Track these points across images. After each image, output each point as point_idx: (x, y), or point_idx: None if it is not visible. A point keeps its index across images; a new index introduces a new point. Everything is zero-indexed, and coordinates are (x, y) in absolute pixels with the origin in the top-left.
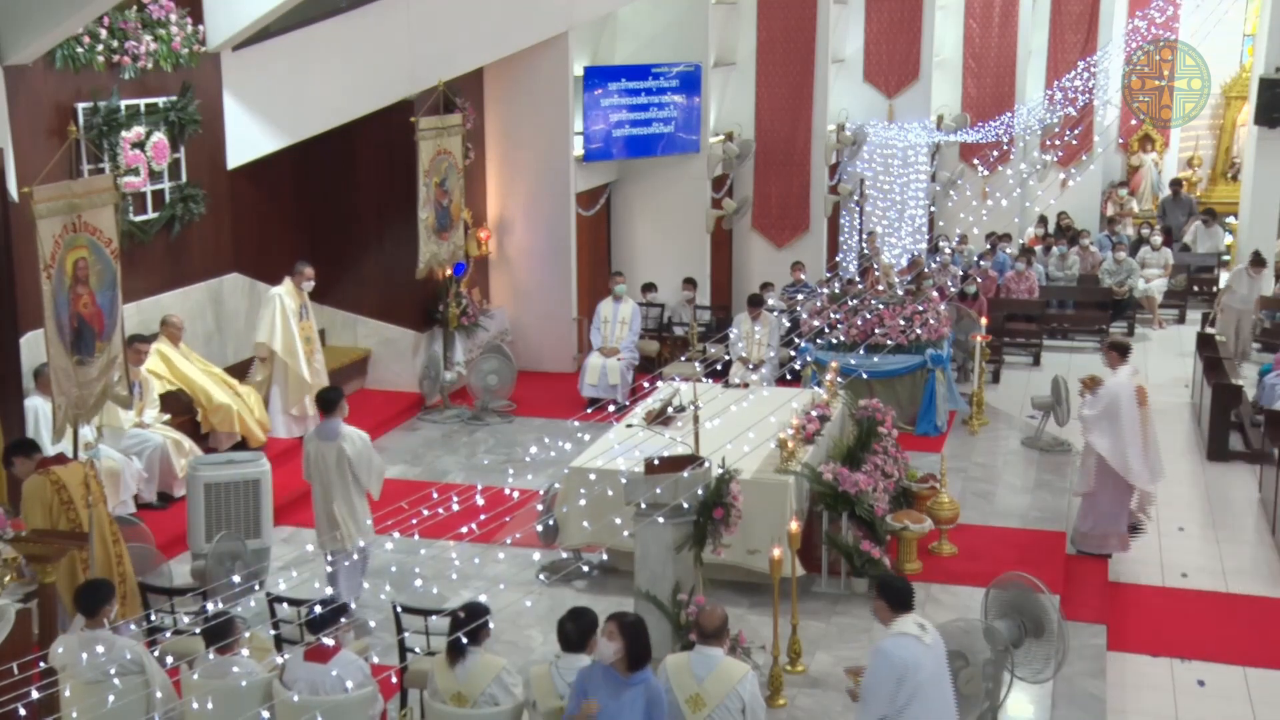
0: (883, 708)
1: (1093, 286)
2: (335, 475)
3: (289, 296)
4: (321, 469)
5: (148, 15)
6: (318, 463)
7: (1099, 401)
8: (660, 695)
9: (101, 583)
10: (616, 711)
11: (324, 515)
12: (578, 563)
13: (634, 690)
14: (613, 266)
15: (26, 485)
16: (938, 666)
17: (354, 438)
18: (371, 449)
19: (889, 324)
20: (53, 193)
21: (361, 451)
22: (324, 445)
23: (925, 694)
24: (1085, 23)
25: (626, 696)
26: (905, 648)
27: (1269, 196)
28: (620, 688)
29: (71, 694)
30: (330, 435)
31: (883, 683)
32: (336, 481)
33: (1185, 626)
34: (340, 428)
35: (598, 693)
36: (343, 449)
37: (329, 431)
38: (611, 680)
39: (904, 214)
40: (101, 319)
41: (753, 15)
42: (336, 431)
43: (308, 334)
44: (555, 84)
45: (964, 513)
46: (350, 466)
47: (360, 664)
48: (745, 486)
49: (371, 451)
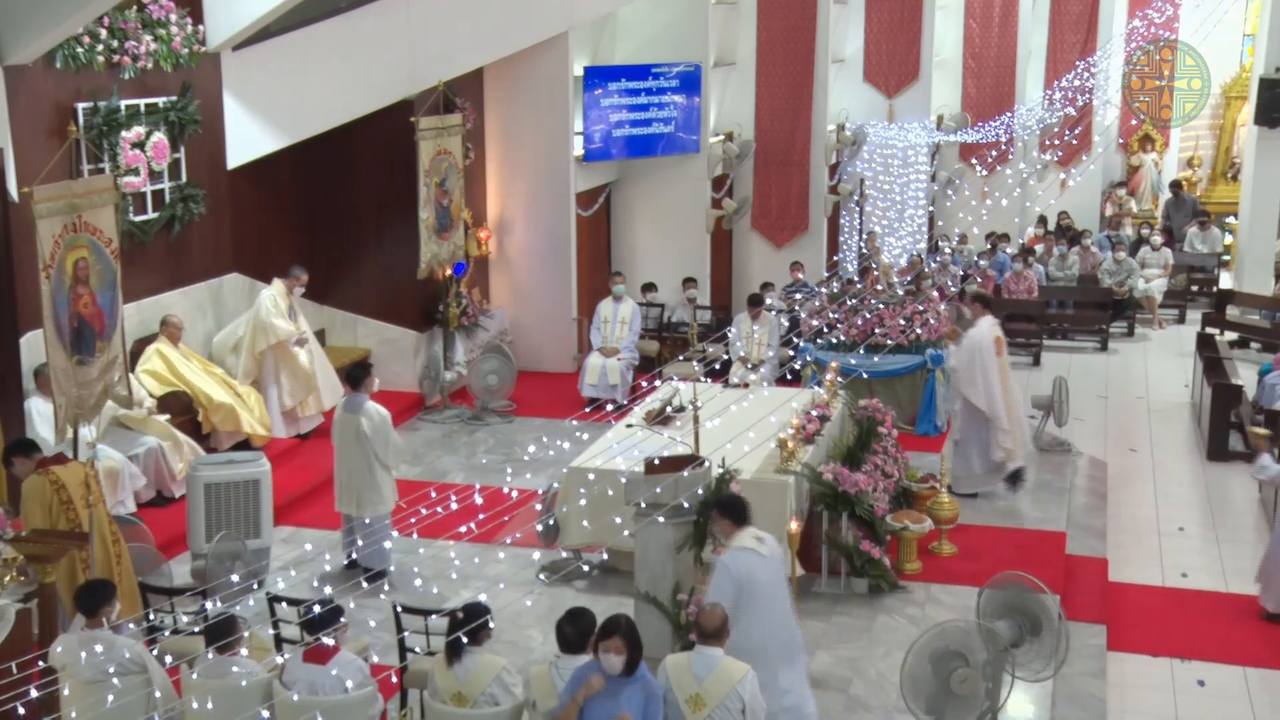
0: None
1: (1093, 286)
2: (355, 447)
3: (280, 297)
4: (344, 439)
5: (148, 15)
6: (341, 433)
7: (963, 352)
8: (657, 691)
9: (101, 583)
10: (614, 709)
11: (343, 482)
12: (578, 563)
13: (632, 688)
14: (613, 266)
15: (26, 485)
16: (775, 575)
17: (373, 414)
18: (389, 426)
19: (889, 324)
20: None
21: (378, 427)
22: (347, 417)
23: (761, 600)
24: (1085, 23)
25: (625, 695)
26: (744, 560)
27: (1269, 196)
28: (619, 687)
29: (71, 694)
30: (354, 409)
31: (724, 592)
32: (356, 453)
33: (1185, 626)
34: (363, 403)
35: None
36: (360, 424)
37: (353, 405)
38: (610, 680)
39: (904, 214)
40: (102, 319)
41: (753, 15)
42: (359, 406)
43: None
44: (555, 84)
45: (964, 513)
46: (368, 441)
47: (360, 664)
48: (745, 486)
49: (389, 429)
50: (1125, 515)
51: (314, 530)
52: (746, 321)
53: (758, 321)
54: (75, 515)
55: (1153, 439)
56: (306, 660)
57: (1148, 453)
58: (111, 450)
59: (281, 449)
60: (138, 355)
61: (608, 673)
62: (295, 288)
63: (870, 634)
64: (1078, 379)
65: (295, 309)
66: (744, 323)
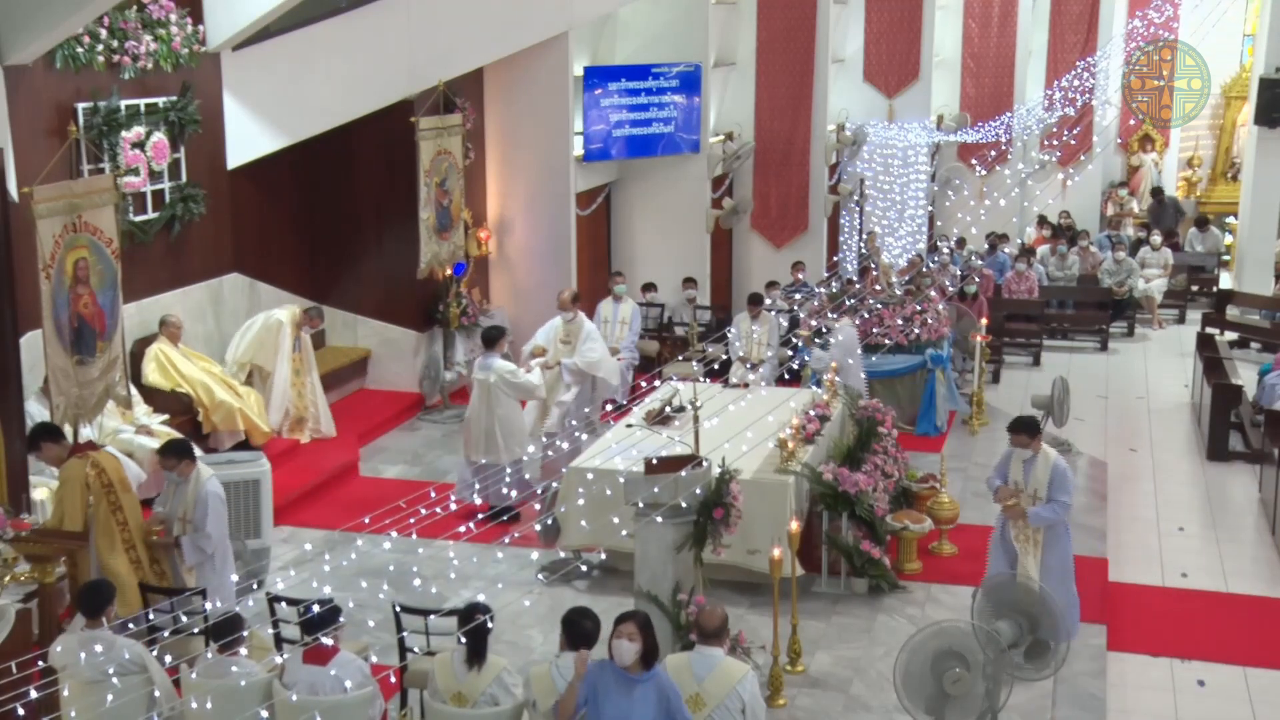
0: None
1: (1093, 286)
2: (486, 399)
3: (289, 325)
4: (477, 393)
5: (148, 15)
6: (478, 389)
7: (839, 347)
8: (673, 688)
9: (102, 583)
10: (629, 709)
11: (476, 431)
12: (577, 562)
13: (645, 687)
14: (613, 266)
15: (66, 468)
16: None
17: (497, 369)
18: (506, 379)
19: (888, 324)
20: (53, 193)
21: (496, 383)
22: (480, 374)
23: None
24: (1085, 23)
25: (638, 693)
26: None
27: (1269, 196)
28: (631, 685)
29: (71, 694)
30: (484, 368)
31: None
32: (487, 405)
33: (1185, 626)
34: (492, 362)
35: (608, 692)
36: (487, 380)
37: (484, 365)
38: (622, 679)
39: (904, 214)
40: (103, 319)
41: (753, 15)
42: (488, 365)
43: (296, 367)
44: (555, 84)
45: (964, 513)
46: (498, 393)
47: (359, 664)
48: (745, 486)
49: (506, 381)
50: (1125, 515)
51: (314, 530)
52: (746, 321)
53: (757, 321)
54: (116, 499)
55: (1153, 439)
56: (306, 660)
57: (1148, 453)
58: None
59: (281, 449)
60: (138, 355)
61: (619, 663)
62: (306, 328)
63: (870, 634)
64: (1078, 379)
65: (300, 341)
66: (743, 322)
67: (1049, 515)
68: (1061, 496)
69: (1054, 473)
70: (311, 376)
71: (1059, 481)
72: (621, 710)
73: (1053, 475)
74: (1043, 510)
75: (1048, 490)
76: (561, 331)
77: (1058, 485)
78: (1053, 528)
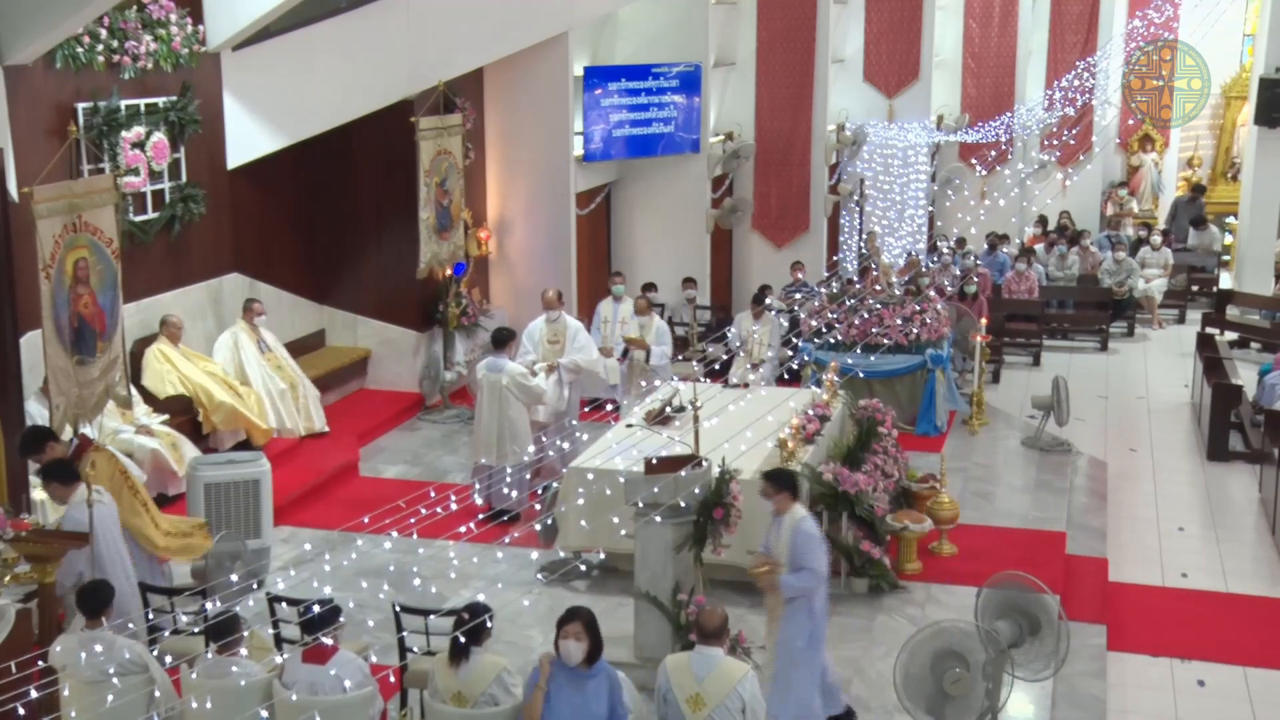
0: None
1: (1092, 286)
2: (497, 401)
3: (244, 334)
4: (488, 396)
5: (148, 15)
6: (486, 390)
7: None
8: (619, 680)
9: (102, 583)
10: (583, 703)
11: (488, 431)
12: (577, 563)
13: (595, 681)
14: (612, 266)
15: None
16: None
17: (510, 371)
18: (518, 382)
19: (888, 324)
20: (53, 193)
21: (508, 385)
22: (490, 375)
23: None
24: (1085, 23)
25: (590, 688)
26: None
27: (1269, 196)
28: (582, 680)
29: (71, 693)
30: (495, 369)
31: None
32: (498, 407)
33: (1185, 626)
34: (504, 364)
35: (560, 688)
36: (499, 381)
37: (496, 366)
38: (573, 676)
39: (904, 214)
40: (103, 319)
41: (753, 15)
42: (499, 366)
43: (277, 364)
44: (555, 84)
45: (964, 513)
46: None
47: (359, 664)
48: (745, 486)
49: (518, 384)
50: (1125, 515)
51: (314, 530)
52: (747, 320)
53: (758, 320)
54: (137, 491)
55: (1153, 439)
56: (306, 660)
57: (1148, 453)
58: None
59: (281, 449)
60: (138, 355)
61: (566, 662)
62: (255, 319)
63: (870, 634)
64: (1078, 379)
65: (265, 341)
66: (744, 321)
67: (796, 584)
68: (808, 563)
69: (795, 537)
70: (288, 359)
71: (801, 547)
72: (576, 705)
73: (794, 540)
74: (790, 579)
75: (789, 557)
76: (548, 332)
77: (800, 551)
78: (792, 600)
